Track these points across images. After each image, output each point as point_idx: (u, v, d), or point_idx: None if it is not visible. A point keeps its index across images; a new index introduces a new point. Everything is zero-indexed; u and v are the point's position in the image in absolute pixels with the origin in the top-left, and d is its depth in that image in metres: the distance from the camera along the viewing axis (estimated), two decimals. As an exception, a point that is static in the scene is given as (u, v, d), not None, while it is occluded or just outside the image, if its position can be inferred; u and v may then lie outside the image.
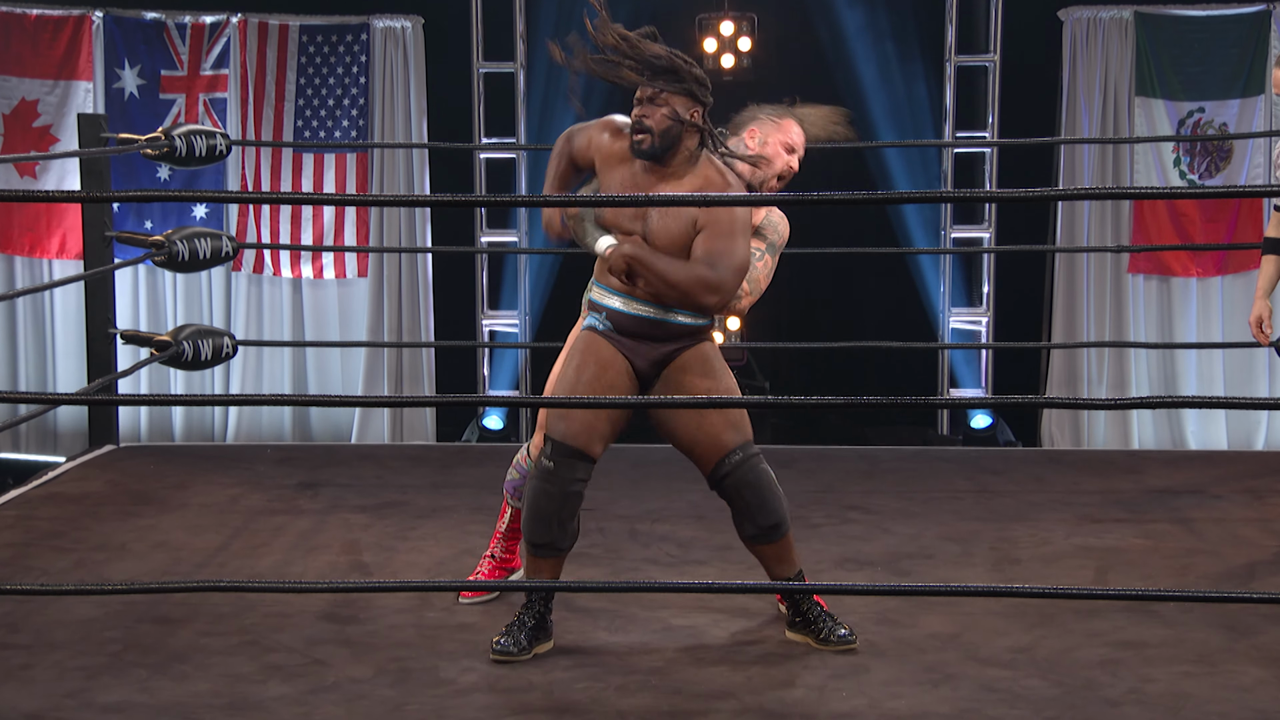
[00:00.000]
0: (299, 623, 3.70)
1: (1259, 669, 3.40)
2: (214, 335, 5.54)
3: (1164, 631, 3.64)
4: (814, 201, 2.98)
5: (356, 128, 7.19)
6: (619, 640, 3.61)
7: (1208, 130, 6.91)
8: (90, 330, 5.79)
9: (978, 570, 4.21)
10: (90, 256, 5.73)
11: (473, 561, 4.27)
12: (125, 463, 5.59)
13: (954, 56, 7.16)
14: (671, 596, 3.85)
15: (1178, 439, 7.16)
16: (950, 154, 7.24)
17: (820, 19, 7.49)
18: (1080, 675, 3.38)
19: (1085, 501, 4.97)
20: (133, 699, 3.25)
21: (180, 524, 4.68)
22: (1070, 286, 7.12)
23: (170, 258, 5.34)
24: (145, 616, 3.72)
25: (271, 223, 7.20)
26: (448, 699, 3.26)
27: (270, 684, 3.33)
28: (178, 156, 5.38)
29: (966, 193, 3.38)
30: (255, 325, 7.33)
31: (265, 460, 5.69)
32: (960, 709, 3.20)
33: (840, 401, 3.51)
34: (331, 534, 4.58)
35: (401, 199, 6.62)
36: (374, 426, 7.33)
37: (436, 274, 7.36)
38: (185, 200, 5.13)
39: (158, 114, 7.07)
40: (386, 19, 7.17)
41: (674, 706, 3.20)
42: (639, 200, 3.43)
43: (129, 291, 7.24)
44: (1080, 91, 7.00)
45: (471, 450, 6.18)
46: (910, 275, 7.52)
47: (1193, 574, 4.18)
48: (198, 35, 7.14)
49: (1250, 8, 6.89)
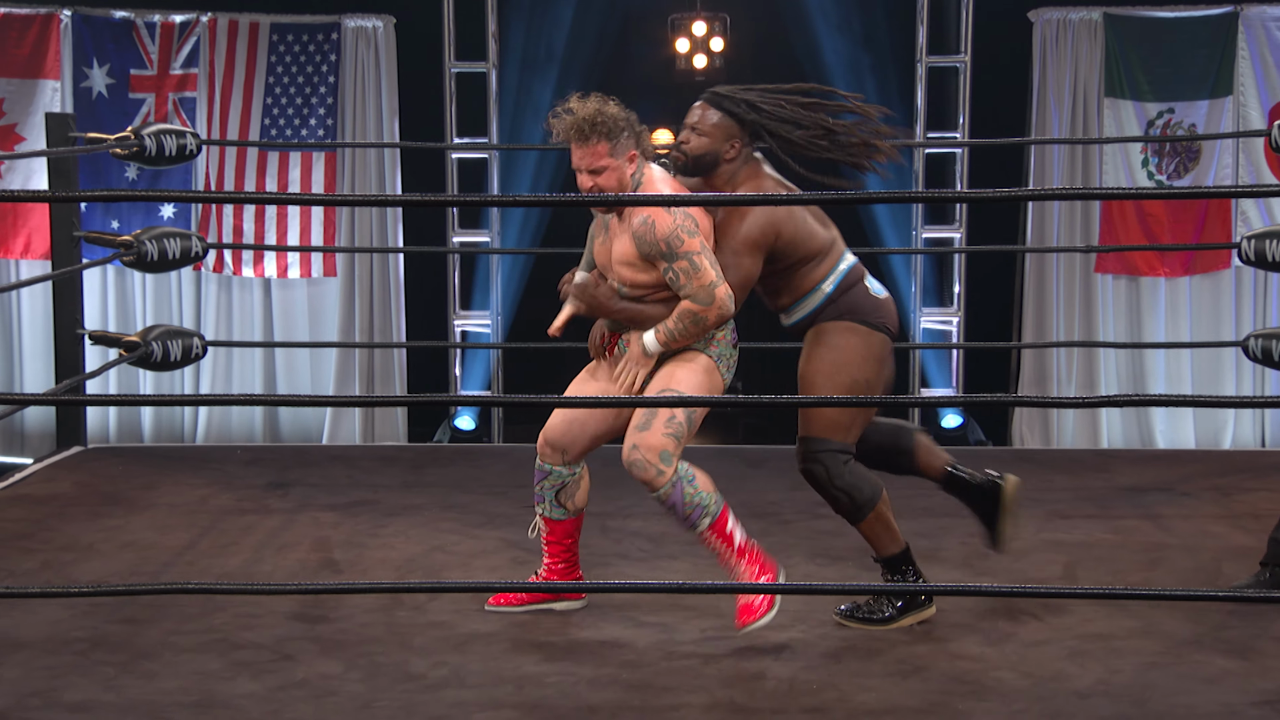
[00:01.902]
0: (268, 620, 3.68)
1: (1224, 660, 3.43)
2: (183, 336, 5.51)
3: (1131, 624, 3.66)
4: (784, 201, 2.99)
5: (324, 127, 7.16)
6: (589, 635, 3.61)
7: (1176, 131, 6.95)
8: (58, 331, 5.75)
9: (948, 565, 4.23)
10: (58, 256, 5.69)
11: (443, 558, 4.26)
12: (93, 464, 5.55)
13: (925, 57, 7.18)
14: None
15: (1146, 438, 7.20)
16: (921, 154, 7.27)
17: (792, 19, 7.51)
18: (1049, 667, 3.39)
19: (1055, 498, 5.00)
20: (100, 697, 3.22)
21: (149, 524, 4.66)
22: (1040, 287, 7.15)
23: (139, 258, 5.31)
24: (112, 616, 3.70)
25: (235, 221, 7.16)
26: (417, 694, 3.25)
27: (239, 681, 3.31)
28: (147, 156, 5.36)
29: (937, 193, 3.39)
30: (225, 326, 7.29)
31: (235, 461, 5.67)
32: (930, 701, 3.21)
33: (811, 400, 3.53)
34: (301, 532, 4.56)
35: (373, 199, 6.53)
36: (345, 427, 7.31)
37: (408, 274, 7.34)
38: (155, 200, 5.10)
39: (126, 113, 7.02)
40: (358, 18, 7.15)
41: (644, 701, 3.20)
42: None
43: (98, 292, 7.19)
44: (1050, 92, 7.04)
45: (443, 450, 6.17)
46: (881, 275, 7.53)
47: (1161, 569, 4.20)
48: (167, 34, 7.10)
49: (1218, 9, 6.94)
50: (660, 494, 3.51)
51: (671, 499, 3.51)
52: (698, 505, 3.51)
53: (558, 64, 7.40)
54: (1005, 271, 7.32)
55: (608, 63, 7.42)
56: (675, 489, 3.51)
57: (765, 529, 4.57)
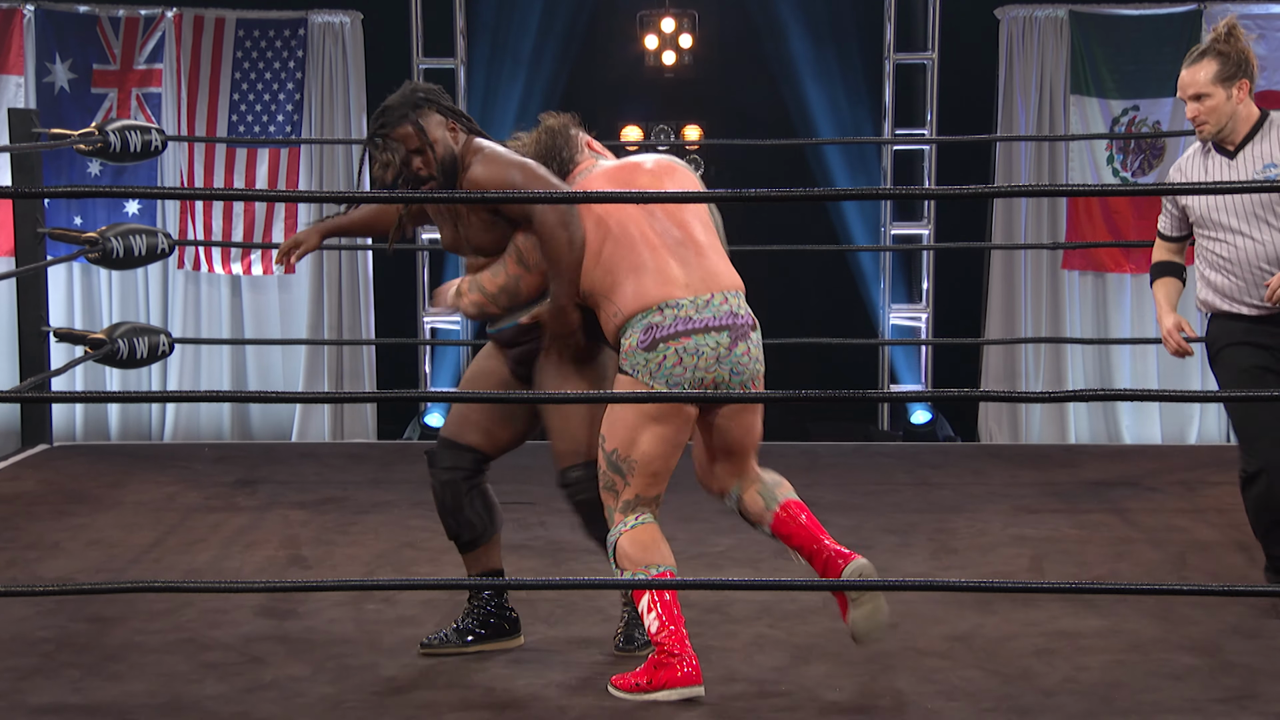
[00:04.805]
0: (236, 619, 3.66)
1: (1190, 657, 3.45)
2: (150, 333, 5.48)
3: (1098, 621, 3.68)
4: (753, 199, 2.99)
5: (291, 123, 7.12)
6: (559, 634, 3.61)
7: (1141, 128, 7.00)
8: (23, 328, 5.70)
9: (916, 560, 4.25)
10: (22, 253, 5.64)
11: (413, 554, 4.25)
12: (59, 462, 5.51)
13: (892, 54, 7.21)
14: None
15: (1113, 433, 7.25)
16: (889, 151, 7.29)
17: (761, 16, 7.52)
18: (1016, 664, 3.41)
19: (1022, 494, 5.03)
20: (65, 700, 3.20)
21: (115, 522, 4.63)
22: (1008, 283, 7.19)
23: (105, 255, 5.27)
24: (78, 615, 3.67)
25: (205, 219, 7.11)
26: (387, 696, 3.24)
27: (206, 683, 3.29)
28: (112, 152, 5.32)
29: (905, 190, 3.38)
30: (193, 323, 7.24)
31: (203, 459, 5.64)
32: (899, 701, 3.22)
33: (780, 396, 3.52)
34: (269, 529, 4.54)
35: (340, 195, 6.55)
36: (314, 424, 7.27)
37: (377, 271, 7.32)
38: (120, 196, 5.06)
39: (89, 108, 6.96)
40: (325, 14, 7.11)
41: (615, 703, 3.19)
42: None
43: (63, 289, 7.13)
44: (1017, 89, 7.08)
45: (412, 448, 6.14)
46: (850, 272, 7.57)
47: (1127, 563, 4.24)
48: (131, 29, 7.04)
49: (1183, 7, 6.99)
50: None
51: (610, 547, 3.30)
52: (622, 570, 3.26)
53: (526, 61, 7.39)
54: (973, 268, 7.35)
55: (576, 59, 7.41)
56: (611, 542, 3.29)
57: (734, 526, 4.57)
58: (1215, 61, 3.74)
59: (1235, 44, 3.76)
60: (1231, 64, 3.73)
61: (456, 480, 3.44)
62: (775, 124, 7.40)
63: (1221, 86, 3.73)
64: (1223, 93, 3.73)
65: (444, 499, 3.46)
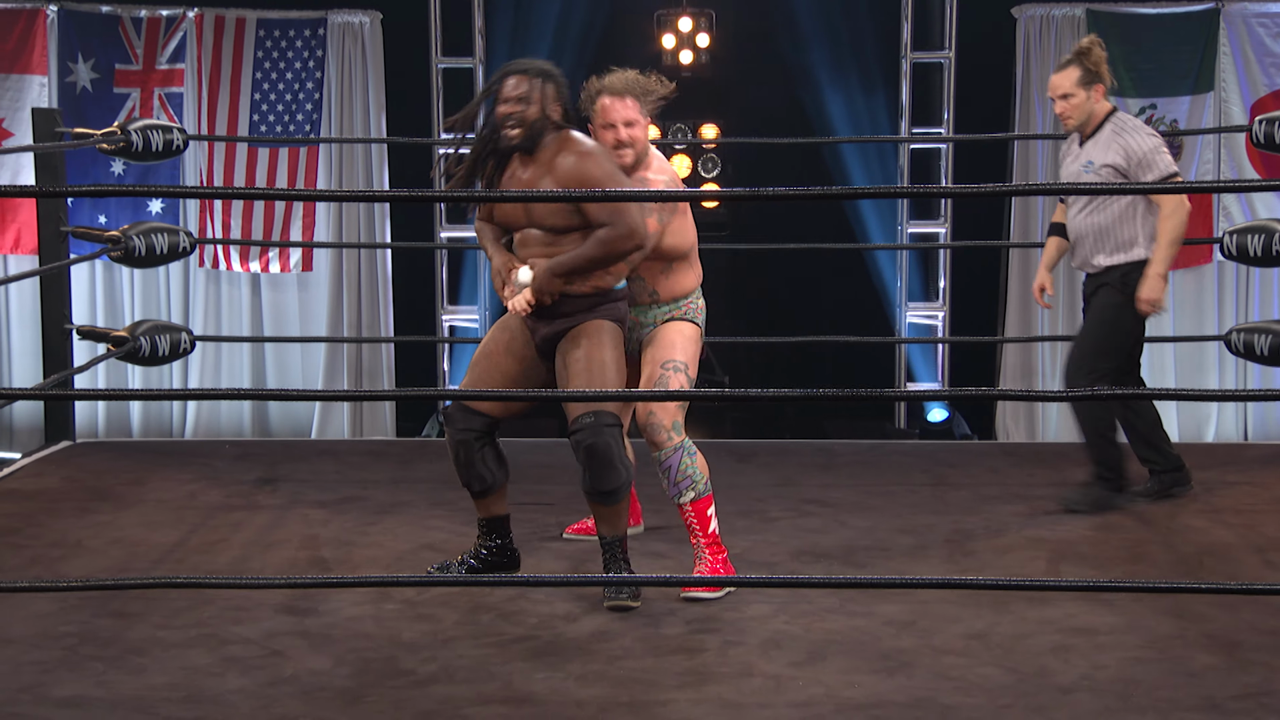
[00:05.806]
0: (257, 615, 3.70)
1: (1207, 655, 3.46)
2: (171, 330, 5.52)
3: (1115, 619, 3.69)
4: (771, 198, 3.01)
5: (311, 122, 7.17)
6: (576, 629, 3.63)
7: (1159, 127, 6.99)
8: (46, 326, 5.75)
9: (932, 561, 4.26)
10: (46, 252, 5.69)
11: (432, 556, 4.28)
12: (82, 459, 5.55)
13: (909, 53, 7.21)
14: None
15: (1131, 432, 7.24)
16: (906, 150, 7.30)
17: (778, 15, 7.53)
18: (1033, 662, 3.43)
19: (1039, 493, 5.03)
20: (89, 693, 3.24)
21: (137, 520, 4.66)
22: (1024, 281, 7.19)
23: (127, 253, 5.32)
24: (101, 611, 3.71)
25: (224, 217, 7.16)
26: (406, 690, 3.27)
27: (228, 677, 3.33)
28: (134, 151, 5.37)
29: (922, 188, 3.41)
30: (214, 321, 7.30)
31: (223, 456, 5.67)
32: (916, 697, 3.24)
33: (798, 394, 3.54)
34: (290, 529, 4.57)
35: (360, 194, 6.61)
36: (334, 422, 7.32)
37: (396, 269, 7.35)
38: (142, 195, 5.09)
39: (111, 108, 7.01)
40: (344, 13, 7.15)
41: (633, 697, 3.22)
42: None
43: (85, 287, 7.19)
44: (1034, 88, 7.07)
45: (431, 445, 6.18)
46: (867, 270, 7.58)
47: (1144, 563, 4.24)
48: (153, 29, 7.10)
49: (1200, 5, 6.98)
50: (662, 454, 3.87)
51: (669, 462, 3.87)
52: (688, 477, 3.88)
53: (544, 60, 7.40)
54: (990, 266, 7.36)
55: (593, 59, 7.43)
56: (676, 455, 3.87)
57: (750, 527, 4.60)
58: (1078, 68, 4.60)
59: (1094, 55, 4.61)
60: (1090, 71, 4.59)
61: (469, 440, 3.87)
62: (792, 123, 7.41)
63: (1083, 89, 4.60)
64: (1083, 93, 4.61)
65: (458, 454, 3.90)
